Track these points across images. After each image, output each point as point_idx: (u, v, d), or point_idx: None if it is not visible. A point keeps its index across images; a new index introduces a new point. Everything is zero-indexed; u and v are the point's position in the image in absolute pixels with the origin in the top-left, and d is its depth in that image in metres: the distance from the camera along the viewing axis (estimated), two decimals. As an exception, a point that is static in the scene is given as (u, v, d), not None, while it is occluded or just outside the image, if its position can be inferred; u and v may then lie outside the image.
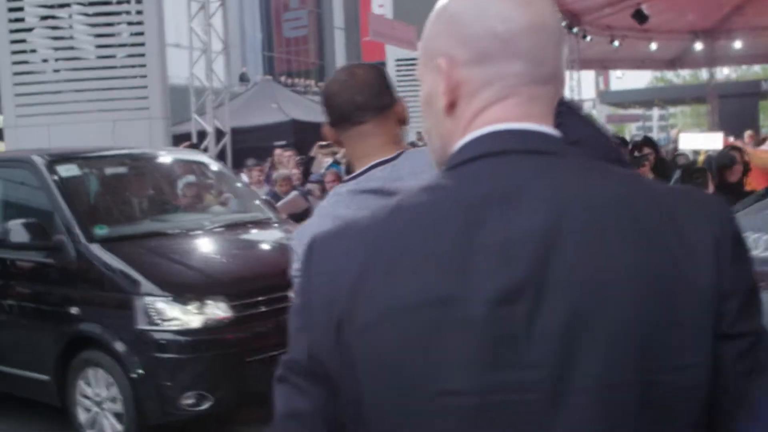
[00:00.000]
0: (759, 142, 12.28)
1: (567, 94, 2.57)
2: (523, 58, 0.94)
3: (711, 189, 4.85)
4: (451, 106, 0.97)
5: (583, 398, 0.85)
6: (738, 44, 27.44)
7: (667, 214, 0.90)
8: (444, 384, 0.86)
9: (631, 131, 43.45)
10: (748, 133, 15.14)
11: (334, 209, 1.70)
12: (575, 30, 23.79)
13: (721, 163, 5.18)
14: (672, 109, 42.74)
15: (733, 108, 31.27)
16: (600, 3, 23.12)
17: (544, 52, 0.96)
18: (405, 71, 23.45)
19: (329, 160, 9.39)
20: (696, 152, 4.80)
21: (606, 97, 38.75)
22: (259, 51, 55.01)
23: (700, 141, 4.55)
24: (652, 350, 0.86)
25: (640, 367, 0.86)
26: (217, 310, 4.45)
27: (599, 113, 43.02)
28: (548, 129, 0.95)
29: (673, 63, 32.65)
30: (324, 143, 10.25)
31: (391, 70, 24.01)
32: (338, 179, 7.93)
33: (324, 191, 8.00)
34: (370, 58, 52.01)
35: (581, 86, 26.85)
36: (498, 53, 0.94)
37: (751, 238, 2.55)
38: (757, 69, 49.12)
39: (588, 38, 24.51)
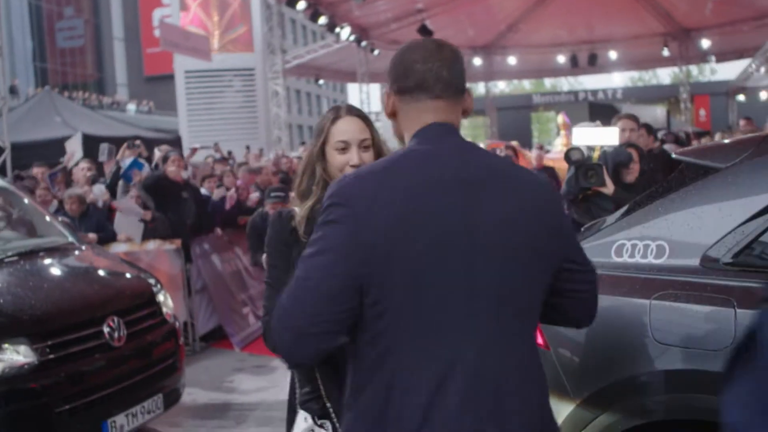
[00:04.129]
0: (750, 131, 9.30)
1: (358, 106, 2.38)
2: None
3: (609, 186, 4.50)
4: None
5: None
6: (512, 60, 29.34)
7: None
8: None
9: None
10: (742, 122, 11.81)
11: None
12: (364, 44, 24.32)
13: (618, 161, 4.74)
14: (452, 121, 45.30)
15: (509, 120, 33.54)
16: (387, 18, 23.84)
17: None
18: (195, 83, 22.53)
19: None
20: (590, 148, 4.58)
21: (392, 109, 40.03)
22: (30, 62, 50.90)
23: (596, 136, 4.39)
24: None
25: None
26: (17, 354, 3.78)
27: (385, 125, 44.32)
28: None
29: (454, 77, 34.45)
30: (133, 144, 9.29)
31: (180, 82, 23.00)
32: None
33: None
34: (155, 71, 50.08)
35: (371, 98, 27.41)
36: None
37: (639, 245, 2.45)
38: (527, 84, 53.09)
39: (376, 52, 25.16)
